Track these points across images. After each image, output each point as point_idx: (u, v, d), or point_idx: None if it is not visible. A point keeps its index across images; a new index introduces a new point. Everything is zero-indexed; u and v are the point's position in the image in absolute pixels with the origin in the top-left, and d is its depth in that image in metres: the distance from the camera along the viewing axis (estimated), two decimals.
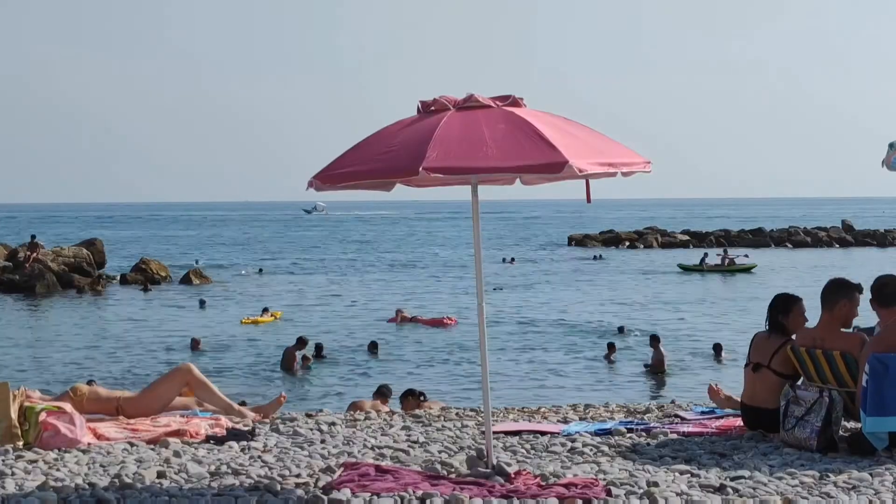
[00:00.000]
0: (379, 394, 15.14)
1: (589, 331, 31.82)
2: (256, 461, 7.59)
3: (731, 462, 7.49)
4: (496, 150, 6.58)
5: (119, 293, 44.49)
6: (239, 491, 6.63)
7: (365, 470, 7.01)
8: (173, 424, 8.62)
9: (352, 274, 56.28)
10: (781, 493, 6.59)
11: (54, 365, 25.87)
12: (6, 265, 45.21)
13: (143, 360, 25.84)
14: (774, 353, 8.42)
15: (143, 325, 33.53)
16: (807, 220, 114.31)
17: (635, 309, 37.87)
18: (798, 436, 7.89)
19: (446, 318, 33.70)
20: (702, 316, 36.10)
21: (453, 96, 7.07)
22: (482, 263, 7.42)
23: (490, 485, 6.69)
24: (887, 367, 7.54)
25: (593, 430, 8.68)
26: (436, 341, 29.58)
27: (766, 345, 8.53)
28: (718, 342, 26.97)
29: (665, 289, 46.18)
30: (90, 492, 6.55)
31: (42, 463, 7.46)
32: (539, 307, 38.15)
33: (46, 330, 32.74)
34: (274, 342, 29.13)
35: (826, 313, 8.24)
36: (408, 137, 6.79)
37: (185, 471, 7.20)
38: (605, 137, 7.05)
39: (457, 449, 8.01)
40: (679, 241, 78.45)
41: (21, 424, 8.09)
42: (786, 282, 44.04)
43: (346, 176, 6.82)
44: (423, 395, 14.44)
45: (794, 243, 78.52)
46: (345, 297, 42.33)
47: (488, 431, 7.34)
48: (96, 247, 49.45)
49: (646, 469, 7.25)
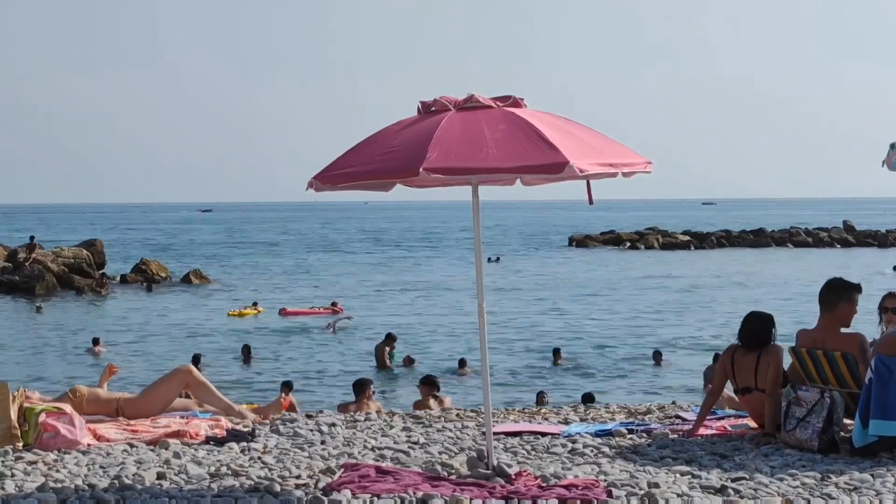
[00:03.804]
0: (426, 384, 15.41)
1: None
2: (256, 462, 7.58)
3: (732, 463, 7.48)
4: (497, 150, 6.57)
5: (119, 294, 44.49)
6: (239, 492, 6.62)
7: (365, 471, 7.00)
8: (173, 425, 8.62)
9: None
10: (782, 494, 6.58)
11: (54, 366, 25.86)
12: (6, 266, 45.18)
13: (144, 361, 25.81)
14: (756, 372, 8.38)
15: (143, 325, 33.52)
16: (807, 220, 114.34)
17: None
18: (799, 437, 7.88)
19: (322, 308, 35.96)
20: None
21: (453, 97, 7.06)
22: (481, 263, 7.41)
23: (490, 486, 6.68)
24: (892, 370, 7.52)
25: (594, 431, 8.67)
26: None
27: (745, 363, 8.45)
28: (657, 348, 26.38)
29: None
30: (90, 493, 6.55)
31: (42, 464, 7.45)
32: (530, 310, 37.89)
33: (46, 330, 32.72)
34: (257, 335, 30.09)
35: (825, 314, 8.22)
36: (408, 138, 6.78)
37: (184, 472, 7.19)
38: (605, 138, 7.04)
39: (457, 450, 8.00)
40: (680, 241, 78.41)
41: (21, 425, 8.08)
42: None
43: (346, 176, 6.82)
44: (437, 387, 15.17)
45: (796, 244, 78.49)
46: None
47: (489, 432, 7.33)
48: (96, 247, 49.43)
49: (646, 470, 7.24)
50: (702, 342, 28.84)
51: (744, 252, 72.03)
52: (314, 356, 27.13)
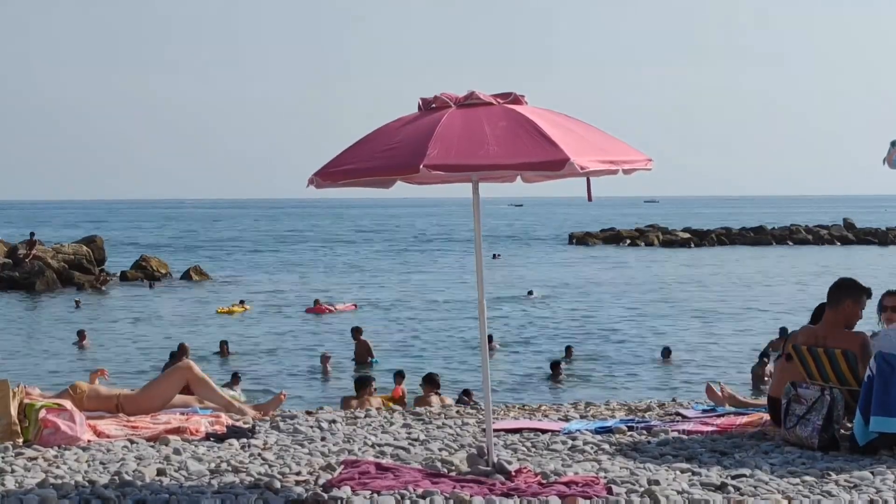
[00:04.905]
0: (428, 382, 15.43)
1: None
2: (257, 459, 7.58)
3: (732, 460, 7.48)
4: (497, 147, 6.57)
5: (120, 290, 44.49)
6: (239, 489, 6.62)
7: (365, 468, 7.00)
8: (173, 422, 8.62)
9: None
10: (782, 492, 6.58)
11: (53, 362, 25.86)
12: (6, 262, 45.16)
13: (144, 358, 25.80)
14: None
15: (143, 323, 33.52)
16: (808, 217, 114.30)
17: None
18: (799, 434, 7.88)
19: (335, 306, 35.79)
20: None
21: (454, 93, 7.05)
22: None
23: (491, 483, 6.68)
24: (893, 367, 7.52)
25: (594, 428, 8.67)
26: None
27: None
28: (668, 346, 26.20)
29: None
30: (90, 489, 6.55)
31: (42, 460, 7.45)
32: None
33: (46, 327, 32.72)
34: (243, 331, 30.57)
35: (831, 311, 8.23)
36: (409, 135, 6.77)
37: (185, 468, 7.19)
38: (606, 135, 7.03)
39: (457, 447, 8.00)
40: (680, 238, 78.38)
41: (21, 422, 8.08)
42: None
43: (346, 173, 6.81)
44: (438, 385, 15.21)
45: (796, 241, 78.48)
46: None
47: (489, 429, 7.33)
48: (96, 244, 49.42)
49: (647, 467, 7.24)
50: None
51: (744, 250, 72.03)
52: (305, 353, 27.09)
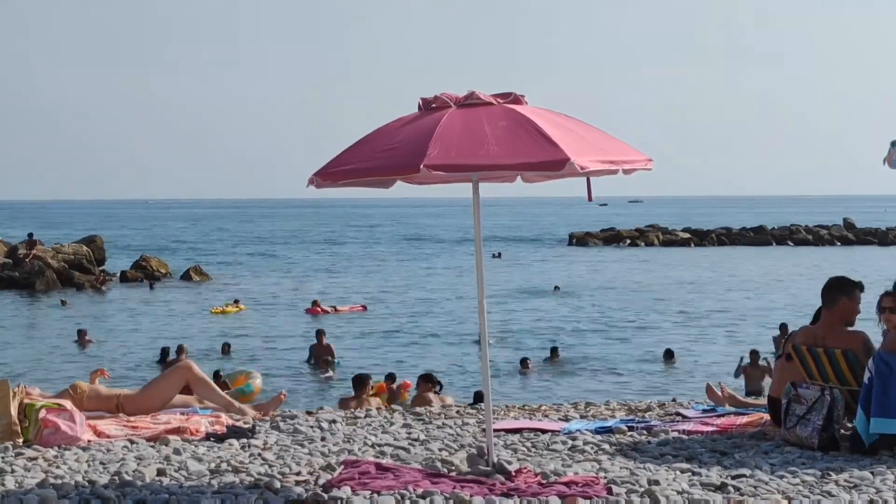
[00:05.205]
0: (425, 380, 15.41)
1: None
2: (257, 459, 7.58)
3: (732, 460, 7.48)
4: (497, 147, 6.57)
5: (120, 290, 44.49)
6: (239, 489, 6.62)
7: (365, 468, 7.00)
8: (173, 422, 8.62)
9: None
10: (783, 492, 6.58)
11: (53, 362, 25.85)
12: (6, 262, 45.16)
13: (144, 358, 25.79)
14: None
15: (143, 322, 33.52)
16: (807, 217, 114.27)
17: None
18: (799, 434, 7.88)
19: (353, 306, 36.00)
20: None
21: (454, 93, 7.05)
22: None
23: (491, 483, 6.68)
24: (892, 368, 7.52)
25: (594, 428, 8.66)
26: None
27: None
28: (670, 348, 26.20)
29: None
30: (90, 489, 6.55)
31: (42, 460, 7.45)
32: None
33: (46, 327, 32.72)
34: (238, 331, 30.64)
35: (827, 311, 8.22)
36: (409, 135, 6.77)
37: (185, 468, 7.19)
38: (606, 135, 7.03)
39: (457, 447, 8.00)
40: (680, 238, 78.39)
41: (21, 422, 8.08)
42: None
43: (346, 173, 6.80)
44: (440, 385, 15.14)
45: (796, 241, 78.46)
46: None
47: (489, 429, 7.33)
48: (96, 244, 49.43)
49: (647, 467, 7.24)
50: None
51: (744, 250, 72.02)
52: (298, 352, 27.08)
